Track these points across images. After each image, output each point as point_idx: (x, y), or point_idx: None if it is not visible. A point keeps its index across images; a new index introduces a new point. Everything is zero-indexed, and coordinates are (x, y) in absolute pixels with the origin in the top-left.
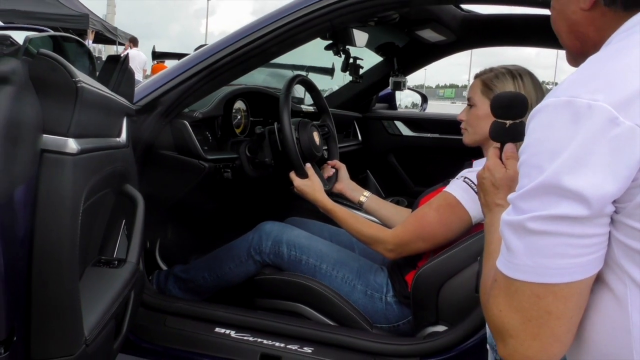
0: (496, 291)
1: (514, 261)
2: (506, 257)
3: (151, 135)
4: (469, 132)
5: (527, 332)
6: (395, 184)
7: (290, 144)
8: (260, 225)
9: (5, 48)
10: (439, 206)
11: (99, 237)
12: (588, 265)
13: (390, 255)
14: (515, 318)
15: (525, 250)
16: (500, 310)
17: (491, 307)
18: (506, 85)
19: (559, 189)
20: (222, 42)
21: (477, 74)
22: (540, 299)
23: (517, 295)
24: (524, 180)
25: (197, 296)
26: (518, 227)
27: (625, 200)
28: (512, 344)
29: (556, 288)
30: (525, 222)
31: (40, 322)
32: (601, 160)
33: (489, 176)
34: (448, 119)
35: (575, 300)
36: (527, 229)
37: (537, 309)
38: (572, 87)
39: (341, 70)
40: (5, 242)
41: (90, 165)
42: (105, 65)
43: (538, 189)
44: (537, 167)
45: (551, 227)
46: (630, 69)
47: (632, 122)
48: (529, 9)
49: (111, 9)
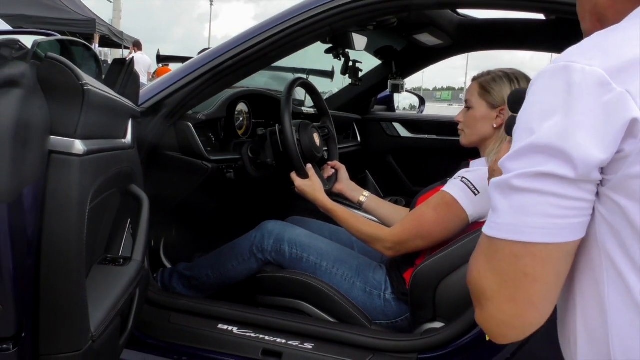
0: (477, 254)
1: (496, 220)
2: (490, 219)
3: (156, 136)
4: (466, 134)
5: (503, 293)
6: (393, 184)
7: (292, 145)
8: (262, 224)
9: (14, 52)
10: (436, 205)
11: (105, 236)
12: (569, 228)
13: (388, 253)
14: (492, 279)
15: (508, 208)
16: (479, 272)
17: (471, 269)
18: (503, 89)
19: (547, 148)
20: (225, 45)
21: (474, 77)
22: (518, 258)
23: (497, 255)
24: (515, 144)
25: (200, 293)
26: (504, 186)
27: (611, 172)
28: (488, 308)
29: (535, 248)
30: (511, 180)
31: (48, 319)
32: (590, 124)
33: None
34: (445, 120)
35: (553, 265)
36: (512, 186)
37: (515, 269)
38: (570, 55)
39: (341, 73)
40: (15, 241)
41: (96, 166)
42: (111, 68)
43: (526, 148)
44: (527, 129)
45: (536, 185)
46: (629, 40)
47: (623, 87)
48: (524, 13)
49: (117, 13)
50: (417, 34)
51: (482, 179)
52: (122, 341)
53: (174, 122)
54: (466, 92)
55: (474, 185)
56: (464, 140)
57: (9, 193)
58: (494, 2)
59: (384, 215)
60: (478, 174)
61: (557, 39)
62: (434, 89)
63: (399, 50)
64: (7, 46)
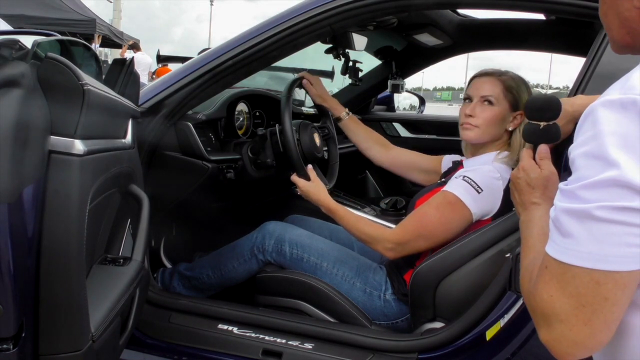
0: (547, 277)
1: (574, 248)
2: (562, 244)
3: (156, 136)
4: (481, 130)
5: (579, 317)
6: (393, 184)
7: (292, 145)
8: (263, 225)
9: (15, 52)
10: (439, 205)
11: (105, 236)
12: None
13: (389, 254)
14: (568, 303)
15: (589, 237)
16: (551, 296)
17: (540, 292)
18: (523, 93)
19: (629, 184)
20: (225, 45)
21: (486, 72)
22: (600, 285)
23: (574, 281)
24: (585, 171)
25: (200, 293)
26: (582, 215)
27: None
28: (559, 329)
29: (618, 275)
30: (593, 210)
31: (48, 319)
32: None
33: (524, 176)
34: (445, 120)
35: (631, 289)
36: (594, 216)
37: (595, 295)
38: (632, 88)
39: (341, 73)
40: (15, 241)
41: (96, 166)
42: (112, 69)
43: (609, 181)
44: (602, 159)
45: (621, 217)
46: None
47: None
48: (524, 13)
49: (117, 13)
50: (417, 34)
51: (484, 176)
52: (122, 341)
53: (174, 122)
54: (482, 86)
55: (477, 183)
56: (474, 135)
57: (9, 193)
58: (494, 2)
59: (358, 137)
60: (480, 172)
61: (557, 39)
62: (434, 89)
63: (399, 50)
64: (7, 46)
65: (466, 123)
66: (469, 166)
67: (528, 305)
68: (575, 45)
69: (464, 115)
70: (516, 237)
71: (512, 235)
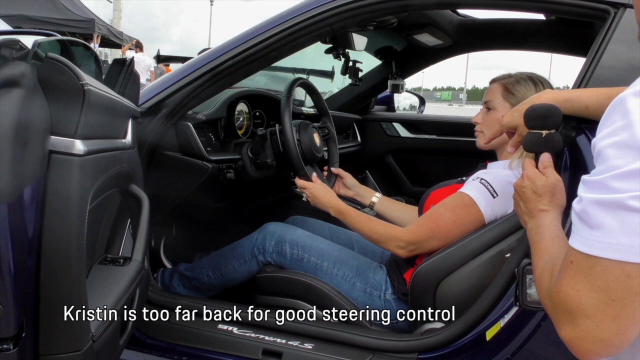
0: (573, 272)
1: (604, 240)
2: (590, 237)
3: (156, 136)
4: (485, 135)
5: (607, 312)
6: (393, 184)
7: (292, 145)
8: (264, 226)
9: (15, 52)
10: (454, 207)
11: (105, 236)
12: None
13: (401, 252)
14: (596, 297)
15: (621, 228)
16: (578, 290)
17: (565, 288)
18: (528, 91)
19: None
20: (225, 45)
21: (495, 79)
22: (631, 278)
23: (603, 275)
24: (616, 161)
25: (201, 294)
26: (614, 205)
27: None
28: (585, 326)
29: None
30: (626, 200)
31: (48, 319)
32: None
33: (530, 184)
34: (445, 120)
35: None
36: (627, 206)
37: (625, 289)
38: None
39: (341, 73)
40: (15, 241)
41: (96, 166)
42: (111, 69)
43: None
44: (635, 148)
45: None
46: None
47: None
48: (524, 14)
49: (117, 13)
50: (417, 34)
51: (501, 181)
52: (122, 341)
53: (174, 122)
54: (486, 93)
55: (493, 187)
56: (480, 141)
57: (9, 193)
58: (494, 2)
59: (395, 216)
60: (496, 176)
61: (557, 39)
62: (434, 89)
63: (399, 51)
64: (7, 46)
65: (475, 130)
66: (491, 168)
67: (549, 304)
68: (575, 45)
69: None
70: (516, 237)
71: (512, 235)
